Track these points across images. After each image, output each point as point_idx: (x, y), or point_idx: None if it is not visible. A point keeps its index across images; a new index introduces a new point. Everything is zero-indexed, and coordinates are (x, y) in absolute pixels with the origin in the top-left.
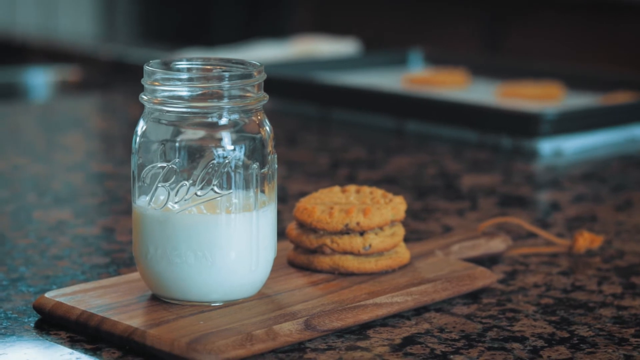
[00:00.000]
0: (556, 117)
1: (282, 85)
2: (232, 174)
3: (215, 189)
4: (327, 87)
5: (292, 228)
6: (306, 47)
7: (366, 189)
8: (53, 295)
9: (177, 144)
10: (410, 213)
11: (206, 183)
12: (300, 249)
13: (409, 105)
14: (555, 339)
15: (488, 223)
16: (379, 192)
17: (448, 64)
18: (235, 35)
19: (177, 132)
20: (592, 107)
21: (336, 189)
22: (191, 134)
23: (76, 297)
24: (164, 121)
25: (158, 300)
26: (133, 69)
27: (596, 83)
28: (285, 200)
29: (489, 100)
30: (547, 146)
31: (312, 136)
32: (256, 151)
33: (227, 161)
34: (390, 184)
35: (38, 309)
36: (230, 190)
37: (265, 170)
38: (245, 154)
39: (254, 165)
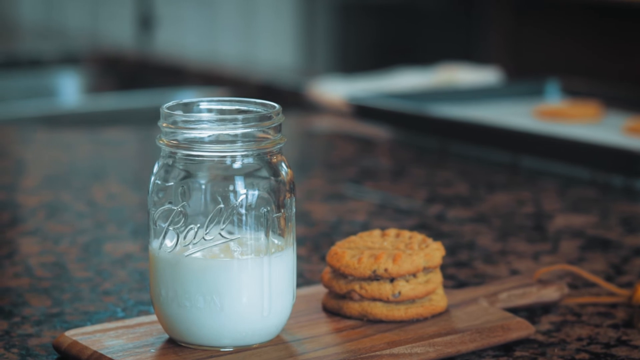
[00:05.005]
0: None
1: (402, 118)
2: (244, 218)
3: (223, 233)
4: (444, 120)
5: (326, 272)
6: (447, 76)
7: (406, 234)
8: (72, 333)
9: (188, 187)
10: (484, 255)
11: (214, 227)
12: (332, 294)
13: (522, 140)
14: None
15: (545, 270)
16: (418, 237)
17: (585, 96)
18: (433, 60)
19: (189, 175)
20: None
21: (376, 232)
22: (203, 177)
23: (94, 336)
24: (177, 163)
25: (173, 344)
26: (280, 94)
27: None
28: None
29: (613, 136)
30: None
31: (421, 170)
32: (271, 195)
33: (237, 205)
34: (477, 222)
35: (56, 347)
36: (238, 235)
37: (280, 214)
38: (258, 198)
39: (265, 209)
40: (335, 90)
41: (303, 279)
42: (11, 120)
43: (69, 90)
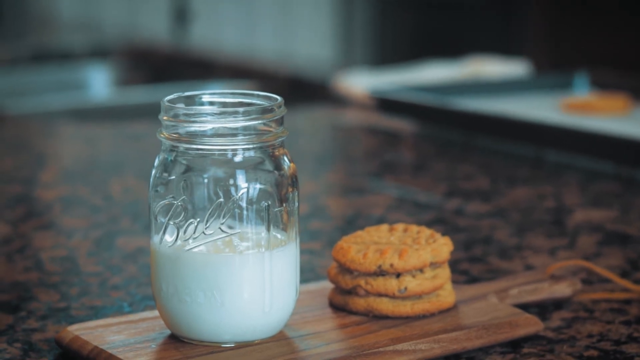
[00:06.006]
0: None
1: (424, 110)
2: (245, 212)
3: (223, 227)
4: (467, 113)
5: (332, 267)
6: (475, 68)
7: (414, 228)
8: (75, 328)
9: (189, 181)
10: (499, 251)
11: (214, 221)
12: (338, 289)
13: (546, 134)
14: None
15: (557, 265)
16: (426, 231)
17: (614, 88)
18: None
19: (190, 169)
20: None
21: (384, 227)
22: (204, 171)
23: (96, 331)
24: (178, 157)
25: (174, 339)
26: (308, 87)
27: None
28: None
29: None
30: None
31: (442, 163)
32: (273, 189)
33: (237, 199)
34: (495, 217)
35: (58, 342)
36: (239, 230)
37: (282, 208)
38: (259, 191)
39: (266, 203)
40: (360, 83)
41: (314, 274)
42: (41, 113)
43: (100, 83)
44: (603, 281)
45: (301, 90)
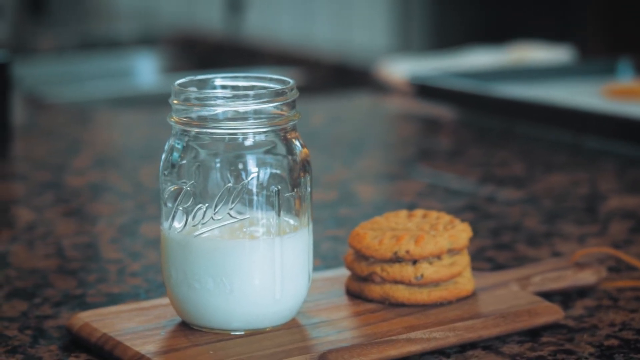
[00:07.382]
0: None
1: (462, 97)
2: (255, 197)
3: (232, 212)
4: (505, 100)
5: (349, 254)
6: (520, 55)
7: (433, 214)
8: (86, 315)
9: (199, 166)
10: (527, 237)
11: (223, 206)
12: (354, 276)
13: (583, 120)
14: None
15: (582, 252)
16: (446, 217)
17: None
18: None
19: (200, 153)
20: None
21: (403, 213)
22: (214, 155)
23: (106, 318)
24: (188, 142)
25: (184, 327)
26: (352, 74)
27: None
28: None
29: None
30: None
31: (479, 150)
32: (284, 173)
33: (247, 184)
34: (527, 203)
35: (68, 329)
36: (248, 215)
37: (294, 193)
38: (270, 176)
39: (277, 188)
40: (401, 69)
41: (337, 262)
42: (84, 101)
43: (147, 71)
44: (631, 269)
45: (346, 77)
